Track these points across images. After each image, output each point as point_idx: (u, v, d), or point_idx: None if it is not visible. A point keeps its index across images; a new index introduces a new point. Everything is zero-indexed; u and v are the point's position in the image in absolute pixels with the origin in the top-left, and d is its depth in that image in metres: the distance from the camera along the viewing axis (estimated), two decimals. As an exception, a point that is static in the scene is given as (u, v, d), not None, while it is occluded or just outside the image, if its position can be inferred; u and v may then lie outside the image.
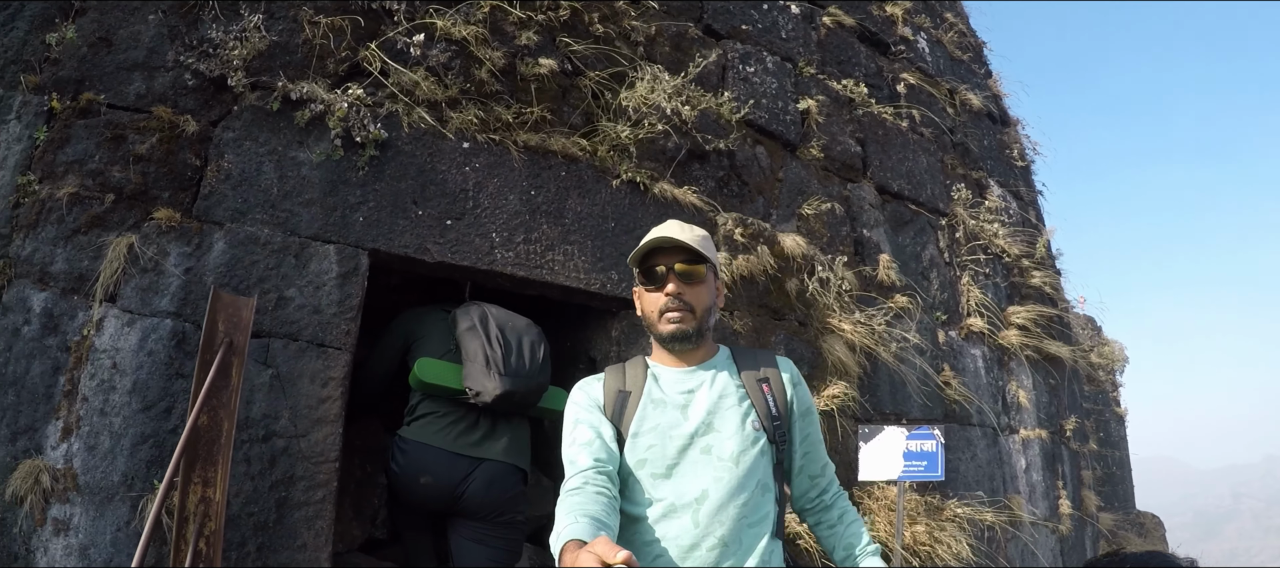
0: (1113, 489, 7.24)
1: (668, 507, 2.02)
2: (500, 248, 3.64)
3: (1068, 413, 5.71)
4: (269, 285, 3.10)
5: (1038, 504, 5.13)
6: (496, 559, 3.45)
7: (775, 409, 2.14)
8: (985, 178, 5.69)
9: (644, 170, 4.10)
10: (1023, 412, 5.24)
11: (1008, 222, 5.59)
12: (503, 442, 3.50)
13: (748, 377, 2.17)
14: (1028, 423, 5.26)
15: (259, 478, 2.90)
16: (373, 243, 3.35)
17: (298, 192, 3.23)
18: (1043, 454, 5.31)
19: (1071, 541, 5.32)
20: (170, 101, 3.12)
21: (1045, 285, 5.67)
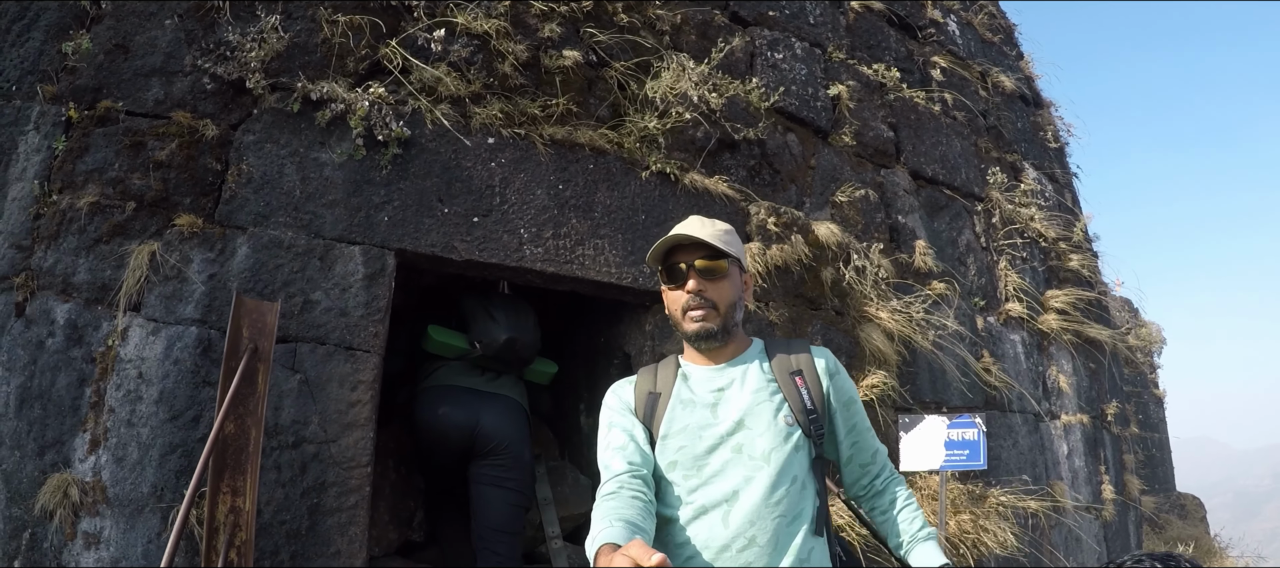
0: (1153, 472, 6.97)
1: (698, 508, 1.93)
2: (529, 244, 3.48)
3: (1109, 397, 5.44)
4: (294, 289, 2.96)
5: (1080, 490, 4.89)
6: (513, 501, 3.68)
7: (810, 403, 2.01)
8: (1020, 161, 5.44)
9: (673, 161, 3.91)
10: (1063, 397, 5.00)
11: (1044, 205, 5.34)
12: (506, 383, 3.83)
13: (780, 371, 2.04)
14: (1069, 408, 5.02)
15: (290, 485, 2.76)
16: (399, 243, 3.19)
17: (321, 193, 3.09)
18: (1084, 439, 5.06)
19: (1115, 526, 5.07)
20: (189, 106, 2.99)
21: (1083, 269, 5.41)
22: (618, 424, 2.05)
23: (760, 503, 1.91)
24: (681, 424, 1.99)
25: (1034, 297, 5.01)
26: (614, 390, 2.13)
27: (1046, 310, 5.04)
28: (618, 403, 2.09)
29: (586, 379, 4.60)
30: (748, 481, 1.93)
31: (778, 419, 1.97)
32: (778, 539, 1.91)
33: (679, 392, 2.04)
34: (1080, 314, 5.17)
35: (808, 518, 1.97)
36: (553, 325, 4.88)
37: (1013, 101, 5.66)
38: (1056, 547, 4.50)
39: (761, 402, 1.99)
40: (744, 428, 1.97)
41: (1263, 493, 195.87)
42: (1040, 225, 5.18)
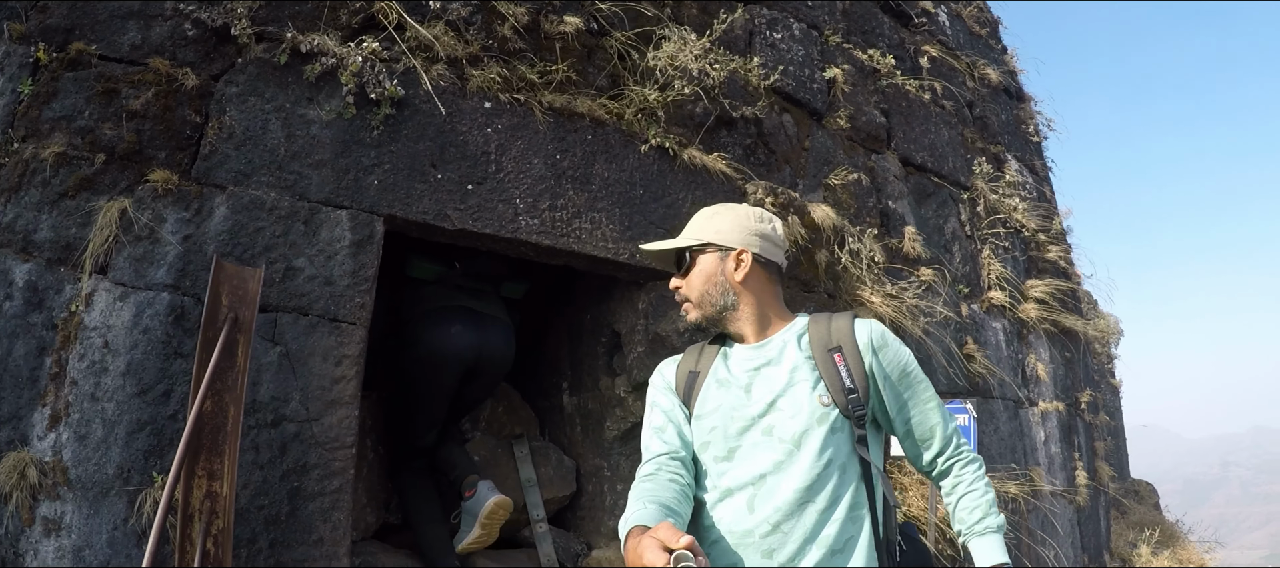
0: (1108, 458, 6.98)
1: (724, 491, 1.82)
2: (524, 215, 3.19)
3: (1082, 385, 5.33)
4: (276, 255, 2.64)
5: (1056, 475, 4.76)
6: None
7: (850, 381, 1.84)
8: (1003, 152, 5.27)
9: (672, 136, 3.64)
10: (1041, 384, 4.86)
11: (1025, 196, 5.18)
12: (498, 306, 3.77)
13: (818, 347, 1.89)
14: (1046, 396, 4.88)
15: (269, 467, 2.44)
16: (388, 208, 2.88)
17: (307, 152, 2.76)
18: (1060, 426, 4.94)
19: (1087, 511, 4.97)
20: (168, 53, 2.63)
21: (1060, 260, 5.27)
22: (658, 404, 1.98)
23: (788, 489, 1.77)
24: (714, 404, 1.88)
25: (1015, 286, 4.85)
26: (659, 369, 2.07)
27: (1026, 300, 4.90)
28: (660, 382, 2.03)
29: (570, 357, 4.32)
30: (776, 465, 1.79)
31: (813, 400, 1.82)
32: (807, 528, 1.76)
33: (716, 370, 1.93)
34: (1058, 304, 5.03)
35: (847, 505, 1.79)
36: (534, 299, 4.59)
37: (997, 94, 5.49)
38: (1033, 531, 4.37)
39: (797, 381, 1.84)
40: (775, 409, 1.83)
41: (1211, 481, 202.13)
42: (1022, 217, 5.02)
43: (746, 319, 1.95)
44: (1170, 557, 4.77)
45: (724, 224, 1.98)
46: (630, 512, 1.68)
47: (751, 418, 1.83)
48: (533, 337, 4.64)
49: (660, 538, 1.40)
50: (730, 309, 1.94)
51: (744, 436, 1.84)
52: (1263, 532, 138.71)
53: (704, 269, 1.95)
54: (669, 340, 3.55)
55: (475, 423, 3.90)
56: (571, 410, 4.25)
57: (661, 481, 1.82)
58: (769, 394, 1.84)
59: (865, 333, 1.89)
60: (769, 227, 2.01)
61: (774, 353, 1.91)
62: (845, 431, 1.82)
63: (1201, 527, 5.75)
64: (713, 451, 1.87)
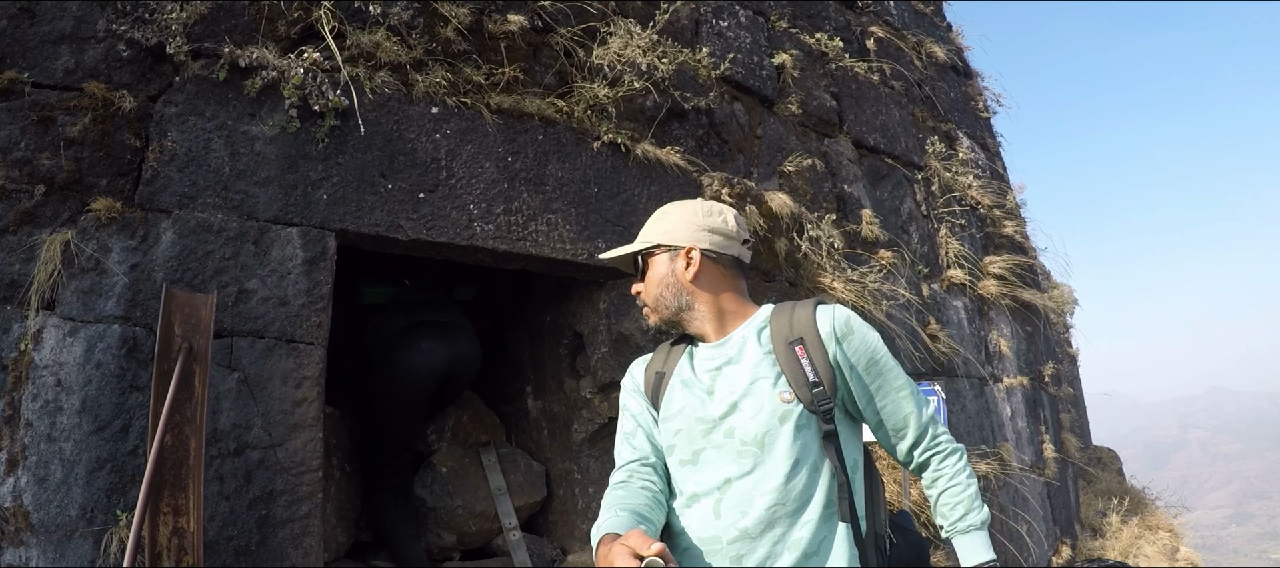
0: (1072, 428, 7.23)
1: (691, 496, 1.81)
2: (479, 221, 3.23)
3: (1045, 359, 5.52)
4: (227, 278, 2.64)
5: (1024, 450, 4.93)
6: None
7: (814, 375, 1.80)
8: (954, 130, 5.42)
9: (624, 131, 3.70)
10: (1004, 360, 5.03)
11: (979, 173, 5.34)
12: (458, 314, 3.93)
13: (779, 341, 1.85)
14: (1010, 371, 5.05)
15: (235, 497, 2.45)
16: (340, 223, 2.90)
17: (252, 170, 2.76)
18: (1025, 401, 5.11)
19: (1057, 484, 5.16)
20: (103, 76, 2.61)
21: (1016, 235, 5.44)
22: (628, 408, 1.99)
23: (753, 492, 1.75)
24: (679, 406, 1.87)
25: (974, 263, 5.01)
26: (630, 370, 2.06)
27: (985, 276, 5.06)
28: (630, 383, 2.02)
29: (532, 360, 4.37)
30: (740, 468, 1.77)
31: (774, 398, 1.79)
32: (776, 533, 1.75)
33: (681, 371, 1.92)
34: (1016, 279, 5.21)
35: (820, 505, 1.77)
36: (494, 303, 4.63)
37: (945, 72, 5.64)
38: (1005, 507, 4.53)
39: (758, 378, 1.82)
40: (737, 411, 1.80)
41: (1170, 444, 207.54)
42: (976, 193, 5.18)
43: (704, 318, 1.93)
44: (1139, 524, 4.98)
45: (670, 223, 1.96)
46: (602, 519, 1.68)
47: (713, 420, 1.81)
48: (493, 341, 4.68)
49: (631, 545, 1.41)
50: (685, 310, 1.93)
51: (707, 438, 1.82)
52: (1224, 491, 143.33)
53: (656, 272, 1.94)
54: (633, 339, 3.62)
55: (441, 433, 3.94)
56: (536, 414, 4.30)
57: (633, 488, 1.83)
58: (730, 395, 1.82)
59: (827, 322, 1.85)
60: (719, 219, 1.97)
61: (734, 351, 1.88)
62: (812, 427, 1.79)
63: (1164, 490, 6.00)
64: (678, 454, 1.86)
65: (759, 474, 1.75)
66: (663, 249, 1.94)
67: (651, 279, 1.95)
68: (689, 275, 1.92)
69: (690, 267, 1.92)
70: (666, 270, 1.93)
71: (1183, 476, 28.66)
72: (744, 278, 2.04)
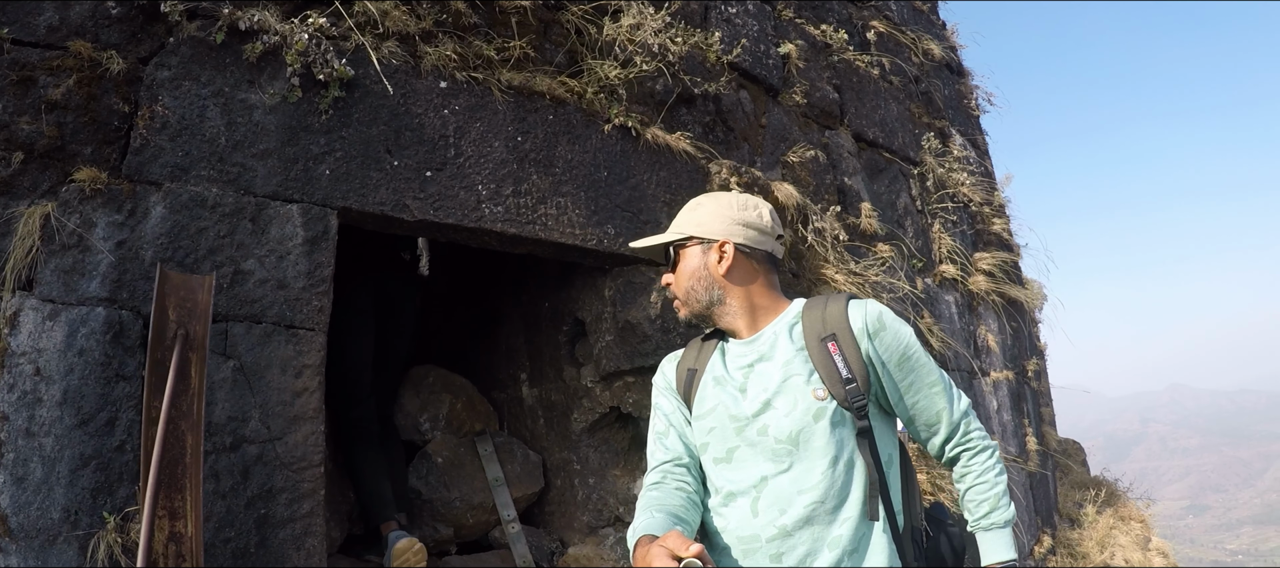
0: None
1: (727, 495, 1.75)
2: (488, 202, 2.95)
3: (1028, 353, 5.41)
4: (222, 257, 2.34)
5: (1009, 443, 4.80)
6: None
7: (847, 371, 1.72)
8: (948, 127, 5.24)
9: (634, 115, 3.44)
10: (991, 354, 4.88)
11: (971, 170, 5.17)
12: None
13: (811, 337, 1.77)
14: (996, 365, 4.91)
15: (232, 496, 2.16)
16: (343, 200, 2.61)
17: (250, 141, 2.45)
18: (1010, 394, 4.97)
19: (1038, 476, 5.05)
20: (90, 34, 2.28)
21: (1003, 231, 5.30)
22: (660, 407, 1.92)
23: (791, 490, 1.68)
24: (712, 403, 1.80)
25: (965, 258, 4.84)
26: (661, 366, 1.99)
27: (975, 272, 4.90)
28: (661, 381, 1.96)
29: (527, 347, 4.11)
30: (777, 466, 1.70)
31: (807, 396, 1.71)
32: (815, 530, 1.68)
33: (713, 367, 1.85)
34: (1004, 275, 5.07)
35: (857, 502, 1.69)
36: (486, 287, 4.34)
37: (941, 69, 5.45)
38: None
39: (791, 375, 1.74)
40: (770, 409, 1.73)
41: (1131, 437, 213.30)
42: (968, 190, 5.01)
43: (736, 313, 1.85)
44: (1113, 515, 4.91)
45: (705, 215, 1.87)
46: (638, 522, 1.63)
47: (747, 418, 1.74)
48: (485, 325, 4.40)
49: (669, 547, 1.35)
50: (717, 304, 1.85)
51: (741, 436, 1.75)
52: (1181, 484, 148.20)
53: (688, 265, 1.85)
54: (640, 328, 3.37)
55: (435, 422, 3.66)
56: (532, 403, 4.04)
57: (668, 489, 1.76)
58: (763, 393, 1.74)
59: (860, 317, 1.77)
60: (753, 214, 1.89)
61: (766, 348, 1.80)
62: (846, 423, 1.72)
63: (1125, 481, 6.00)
64: (712, 452, 1.79)
65: (796, 472, 1.69)
66: (696, 241, 1.86)
67: (683, 271, 1.86)
68: (722, 269, 1.83)
69: (723, 261, 1.84)
70: (699, 263, 1.85)
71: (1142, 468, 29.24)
72: (777, 273, 1.95)
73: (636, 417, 3.54)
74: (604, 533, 3.50)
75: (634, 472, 3.59)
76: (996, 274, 4.97)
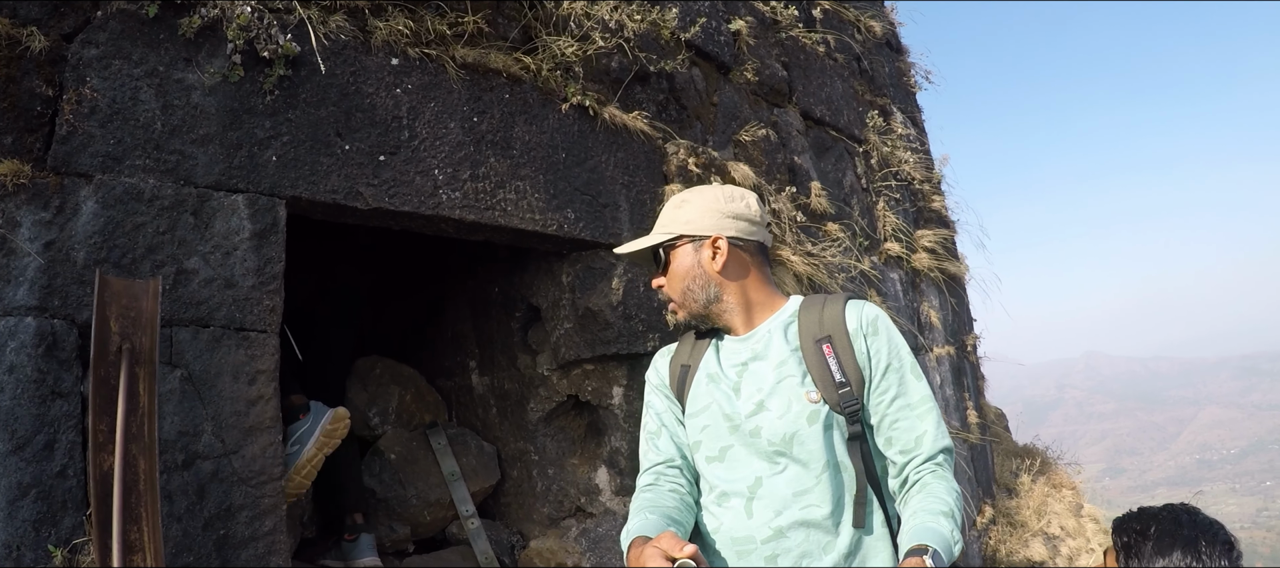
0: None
1: (721, 494, 1.72)
2: (445, 188, 2.78)
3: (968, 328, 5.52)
4: (163, 256, 2.12)
5: (952, 417, 4.90)
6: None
7: (841, 375, 1.67)
8: (889, 105, 5.25)
9: (591, 94, 3.31)
10: (934, 330, 4.95)
11: (911, 148, 5.22)
12: None
13: (806, 338, 1.72)
14: (938, 341, 4.98)
15: (188, 518, 1.96)
16: (292, 188, 2.40)
17: (189, 126, 2.22)
18: (952, 369, 5.06)
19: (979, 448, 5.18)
20: (6, 9, 2.01)
21: (943, 209, 5.39)
22: (652, 405, 1.88)
23: (786, 493, 1.64)
24: (705, 402, 1.76)
25: (908, 236, 4.88)
26: (654, 362, 1.94)
27: (918, 249, 4.95)
28: (654, 377, 1.91)
29: (476, 333, 3.95)
30: (772, 467, 1.67)
31: (801, 398, 1.67)
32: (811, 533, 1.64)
33: (707, 364, 1.80)
34: (944, 252, 5.15)
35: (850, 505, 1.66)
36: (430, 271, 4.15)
37: (881, 47, 5.45)
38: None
39: (785, 376, 1.70)
40: (764, 410, 1.69)
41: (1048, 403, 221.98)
42: (911, 168, 5.05)
43: (733, 310, 1.80)
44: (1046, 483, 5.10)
45: (693, 212, 1.81)
46: (632, 523, 1.60)
47: (741, 418, 1.70)
48: (429, 312, 4.21)
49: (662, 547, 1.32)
50: (714, 302, 1.79)
51: (735, 435, 1.71)
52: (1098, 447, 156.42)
53: (681, 265, 1.79)
54: (602, 316, 3.26)
55: (385, 415, 3.47)
56: (483, 392, 3.89)
57: (662, 490, 1.73)
58: (758, 393, 1.71)
59: (855, 318, 1.72)
60: (742, 205, 1.84)
61: (760, 346, 1.76)
62: (839, 428, 1.68)
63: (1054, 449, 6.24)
64: (705, 450, 1.75)
65: (791, 474, 1.65)
66: (686, 240, 1.80)
67: (676, 272, 1.80)
68: (717, 266, 1.78)
69: (718, 256, 1.79)
70: (692, 262, 1.79)
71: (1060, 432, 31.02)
72: (768, 264, 1.89)
73: (595, 405, 3.44)
74: (566, 525, 3.40)
75: (593, 461, 3.49)
76: (938, 251, 5.04)
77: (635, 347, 3.30)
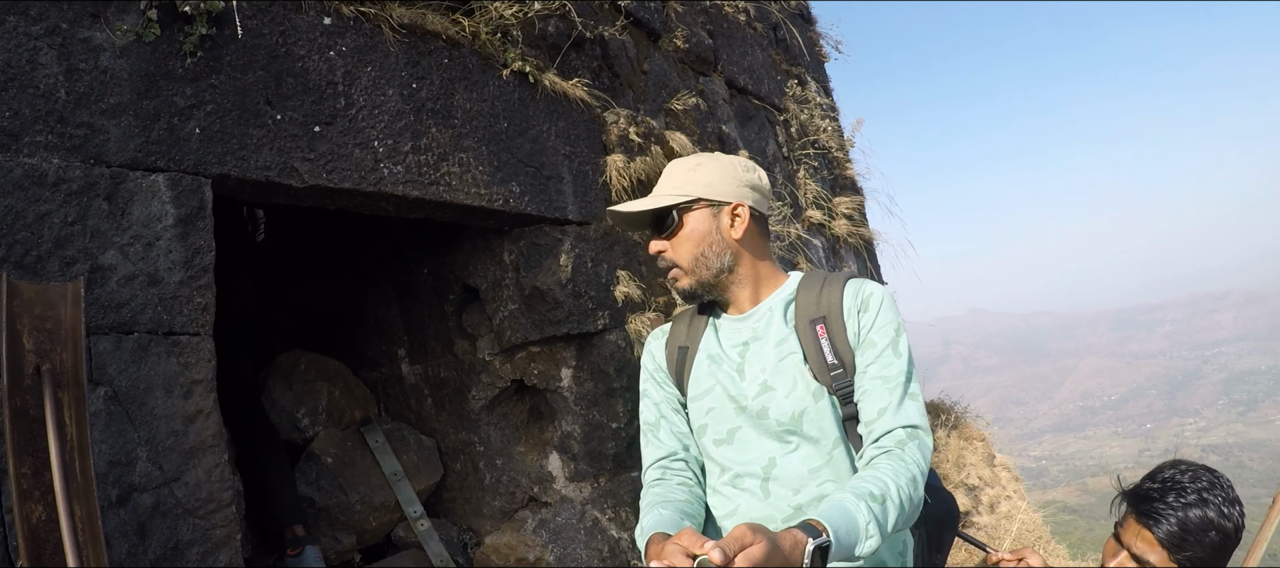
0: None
1: (734, 475, 1.66)
2: (386, 162, 2.46)
3: (879, 291, 5.59)
4: (74, 250, 1.74)
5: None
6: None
7: (834, 357, 1.62)
8: (804, 74, 5.18)
9: (531, 60, 3.04)
10: (853, 295, 4.97)
11: (829, 116, 5.18)
12: None
13: (802, 318, 1.66)
14: (857, 305, 5.01)
15: (132, 561, 1.62)
16: (219, 165, 2.05)
17: (98, 94, 1.83)
18: (869, 332, 5.11)
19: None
20: None
21: (855, 176, 5.40)
22: (649, 395, 1.80)
23: (802, 470, 1.61)
24: (707, 384, 1.70)
25: (828, 203, 4.86)
26: (648, 346, 1.85)
27: (836, 216, 4.94)
28: (649, 362, 1.83)
29: (403, 319, 3.62)
30: (783, 447, 1.63)
31: (806, 374, 1.62)
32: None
33: (707, 344, 1.74)
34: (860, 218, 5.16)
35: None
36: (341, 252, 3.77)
37: (794, 17, 5.37)
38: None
39: (786, 355, 1.65)
40: (769, 390, 1.63)
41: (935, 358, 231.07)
42: (827, 137, 5.02)
43: (743, 282, 1.72)
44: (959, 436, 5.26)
45: (712, 176, 1.70)
46: (646, 520, 1.55)
47: (748, 399, 1.65)
48: (347, 298, 3.83)
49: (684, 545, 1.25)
50: (726, 272, 1.70)
51: (742, 416, 1.66)
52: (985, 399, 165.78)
53: (696, 229, 1.68)
54: (551, 295, 3.02)
55: (315, 415, 3.10)
56: (415, 381, 3.57)
57: (671, 485, 1.68)
58: (761, 374, 1.66)
59: (852, 298, 1.65)
60: (756, 176, 1.77)
61: (761, 326, 1.71)
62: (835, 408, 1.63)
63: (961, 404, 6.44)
64: (712, 433, 1.69)
65: (805, 452, 1.61)
66: (703, 204, 1.69)
67: (689, 236, 1.68)
68: (737, 234, 1.70)
69: (737, 224, 1.70)
70: (709, 227, 1.68)
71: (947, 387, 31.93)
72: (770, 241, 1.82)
73: (542, 388, 3.21)
74: (521, 517, 3.16)
75: (542, 447, 3.26)
76: (855, 217, 5.05)
77: (586, 326, 3.09)
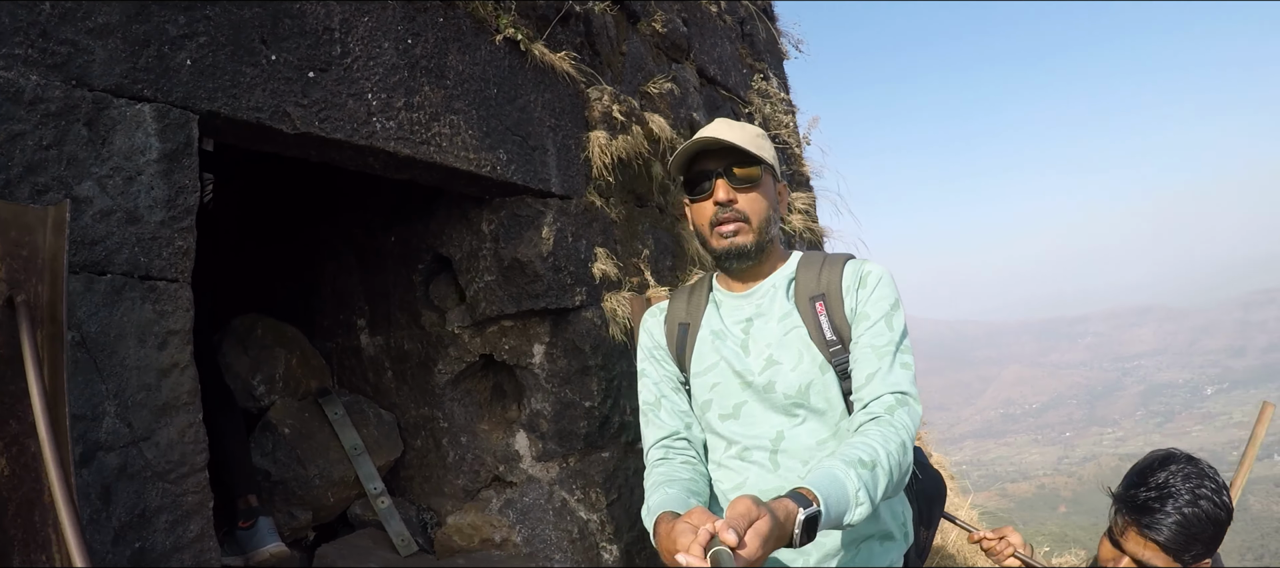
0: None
1: (742, 449, 1.65)
2: (379, 115, 2.31)
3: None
4: (47, 178, 1.54)
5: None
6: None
7: (832, 333, 1.62)
8: (767, 69, 5.18)
9: (522, 28, 2.92)
10: (805, 291, 5.00)
11: (789, 111, 5.19)
12: None
13: (802, 296, 1.67)
14: (808, 301, 5.04)
15: (92, 529, 1.44)
16: (209, 102, 1.87)
17: (86, 11, 1.64)
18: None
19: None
20: None
21: (809, 173, 5.43)
22: (647, 374, 1.78)
23: (810, 442, 1.60)
24: (711, 360, 1.70)
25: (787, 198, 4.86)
26: (644, 324, 1.83)
27: (794, 211, 4.96)
28: (648, 340, 1.81)
29: (365, 288, 3.44)
30: (791, 421, 1.62)
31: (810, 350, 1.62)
32: None
33: (709, 320, 1.74)
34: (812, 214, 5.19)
35: None
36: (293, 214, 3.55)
37: (760, 14, 5.35)
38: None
39: (788, 331, 1.65)
40: (775, 365, 1.63)
41: None
42: (788, 132, 5.03)
43: (769, 256, 1.73)
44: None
45: (768, 148, 1.71)
46: (652, 499, 1.52)
47: (753, 374, 1.64)
48: (302, 263, 3.60)
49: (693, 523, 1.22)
50: (771, 242, 1.71)
51: (748, 391, 1.65)
52: None
53: (768, 191, 1.70)
54: (531, 267, 2.90)
55: (271, 383, 2.89)
56: (375, 353, 3.39)
57: (675, 464, 1.66)
58: (766, 349, 1.65)
59: (852, 275, 1.66)
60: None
61: (764, 302, 1.70)
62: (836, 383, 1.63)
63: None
64: (717, 408, 1.68)
65: (812, 425, 1.61)
66: (767, 172, 1.70)
67: (762, 196, 1.67)
68: (783, 209, 1.78)
69: (783, 201, 1.78)
70: (774, 194, 1.73)
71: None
72: None
73: (512, 365, 3.08)
74: (485, 497, 3.03)
75: (508, 425, 3.13)
76: (809, 213, 5.08)
77: (564, 301, 2.98)
